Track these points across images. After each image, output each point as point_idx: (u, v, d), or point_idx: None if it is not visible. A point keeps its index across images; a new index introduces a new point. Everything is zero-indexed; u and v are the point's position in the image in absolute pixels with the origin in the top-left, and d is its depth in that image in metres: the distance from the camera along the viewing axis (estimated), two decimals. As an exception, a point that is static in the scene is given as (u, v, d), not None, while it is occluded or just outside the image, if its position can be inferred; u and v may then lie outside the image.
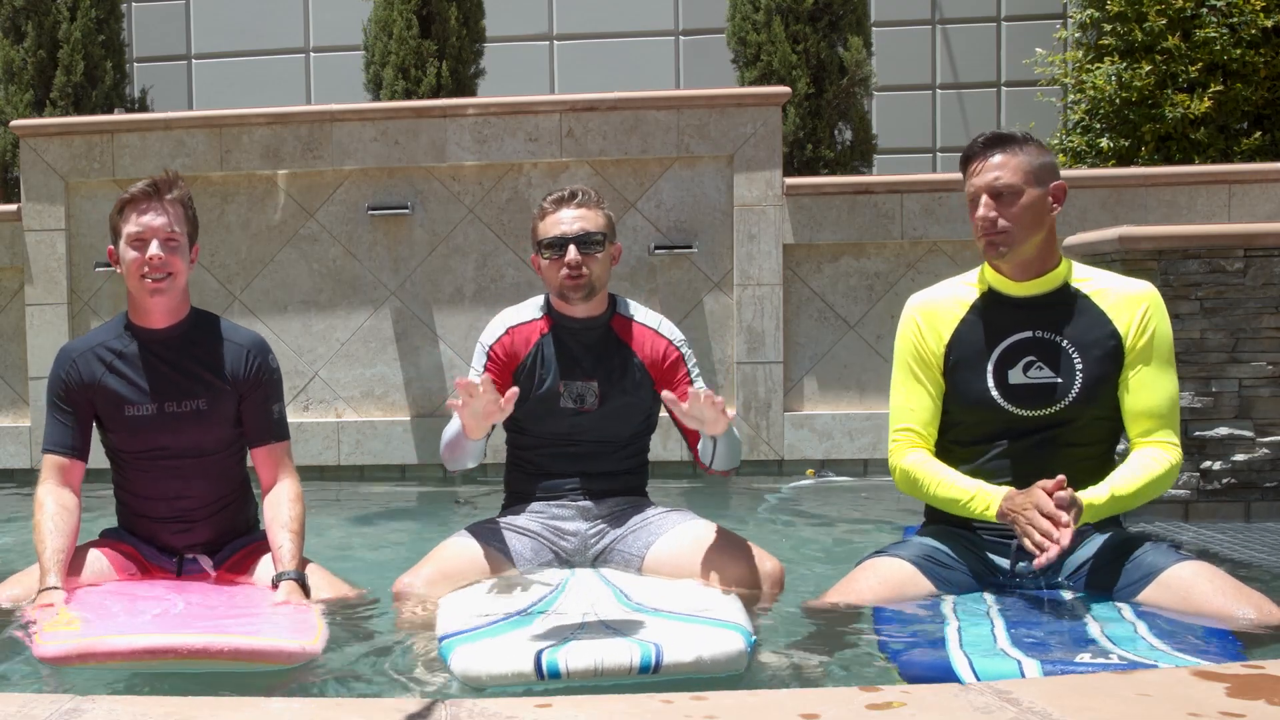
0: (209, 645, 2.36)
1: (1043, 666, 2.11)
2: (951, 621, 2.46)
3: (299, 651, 2.43)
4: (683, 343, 3.17)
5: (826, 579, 3.06)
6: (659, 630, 2.38)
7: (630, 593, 2.78)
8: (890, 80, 9.04)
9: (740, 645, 2.31)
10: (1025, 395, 2.74)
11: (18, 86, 7.83)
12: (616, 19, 9.54)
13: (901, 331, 2.90)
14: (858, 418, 5.87)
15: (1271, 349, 4.32)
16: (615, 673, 2.22)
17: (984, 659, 2.17)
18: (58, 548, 2.79)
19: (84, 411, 2.95)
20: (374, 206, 6.01)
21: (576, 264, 3.02)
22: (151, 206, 2.88)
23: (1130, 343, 2.71)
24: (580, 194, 3.11)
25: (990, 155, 2.72)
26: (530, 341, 3.13)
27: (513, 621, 2.56)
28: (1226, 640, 2.33)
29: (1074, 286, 2.77)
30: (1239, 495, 4.32)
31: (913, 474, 2.83)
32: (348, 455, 6.07)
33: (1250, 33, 6.76)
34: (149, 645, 2.38)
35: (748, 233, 5.93)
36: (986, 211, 2.70)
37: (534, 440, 3.18)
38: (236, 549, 3.04)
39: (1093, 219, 5.56)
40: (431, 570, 2.94)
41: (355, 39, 8.04)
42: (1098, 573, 2.67)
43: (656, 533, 3.05)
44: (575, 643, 2.31)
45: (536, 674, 2.24)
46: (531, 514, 3.14)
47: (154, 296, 2.89)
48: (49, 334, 6.08)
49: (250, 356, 2.98)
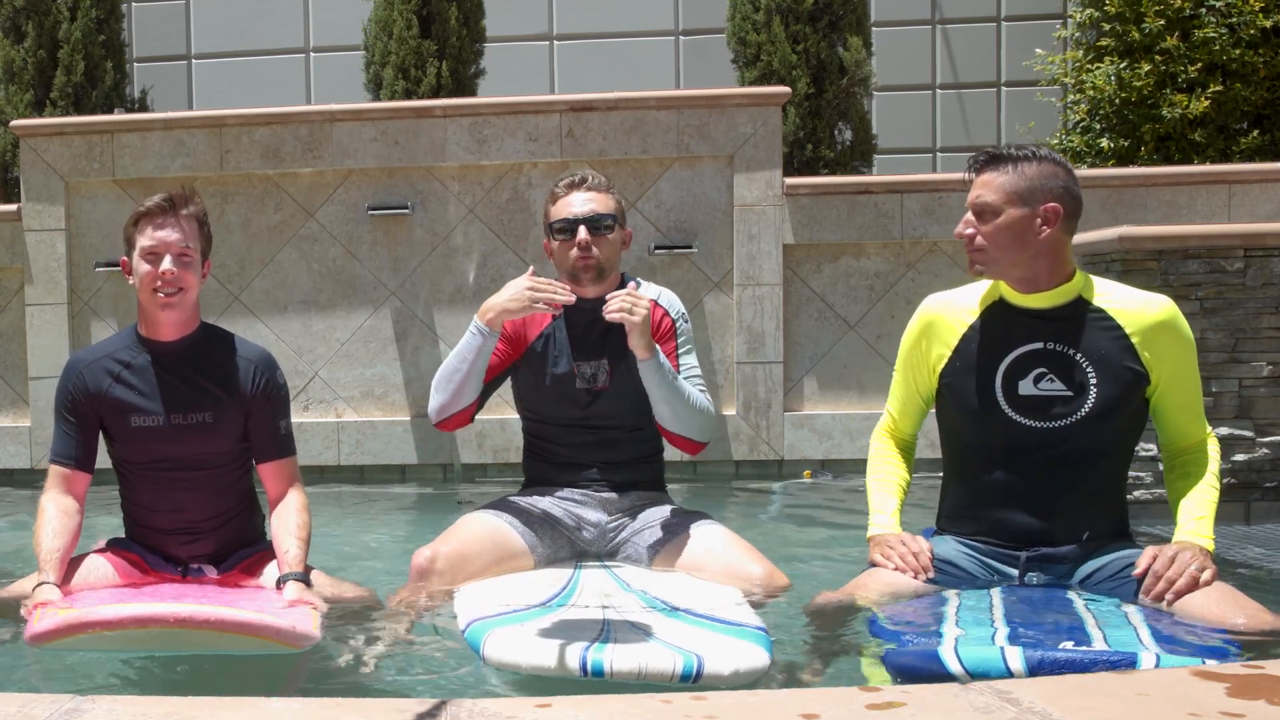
0: (194, 615, 2.38)
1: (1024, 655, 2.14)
2: (951, 618, 2.46)
3: (289, 629, 2.43)
4: (680, 315, 3.20)
5: (825, 580, 3.07)
6: (695, 638, 2.40)
7: (646, 590, 2.81)
8: (890, 80, 9.05)
9: (766, 660, 2.32)
10: (1035, 407, 2.72)
11: (18, 86, 7.83)
12: (616, 19, 9.54)
13: (909, 329, 2.92)
14: (858, 418, 5.87)
15: (1271, 349, 4.33)
16: (657, 678, 2.24)
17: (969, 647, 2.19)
18: (54, 547, 2.80)
19: (90, 423, 2.96)
20: (374, 206, 6.02)
21: (586, 245, 3.09)
22: (167, 221, 2.89)
23: (1156, 373, 2.71)
24: (591, 178, 3.18)
25: (980, 173, 2.74)
26: (541, 324, 3.19)
27: (534, 612, 2.59)
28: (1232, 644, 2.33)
29: (1090, 301, 2.74)
30: (1239, 495, 4.32)
31: (870, 458, 3.01)
32: (348, 455, 6.07)
33: (1249, 33, 6.76)
34: (135, 614, 2.39)
35: (748, 233, 5.93)
36: (964, 228, 2.74)
37: (551, 429, 3.23)
38: (242, 558, 3.05)
39: (1093, 219, 5.56)
40: (452, 549, 2.99)
41: (355, 39, 8.05)
42: (1103, 585, 2.68)
43: (672, 533, 3.09)
44: (620, 645, 2.32)
45: (580, 671, 2.26)
46: (554, 500, 3.19)
47: (165, 311, 2.91)
48: (49, 334, 6.08)
49: (257, 372, 2.99)
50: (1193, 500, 2.72)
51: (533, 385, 3.21)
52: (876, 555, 2.80)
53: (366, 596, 2.99)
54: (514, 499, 3.23)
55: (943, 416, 2.91)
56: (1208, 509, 2.70)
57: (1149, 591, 2.57)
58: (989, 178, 2.72)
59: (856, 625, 2.62)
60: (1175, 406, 2.76)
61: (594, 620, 2.52)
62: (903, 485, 2.95)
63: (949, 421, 2.89)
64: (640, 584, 2.87)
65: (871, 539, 2.86)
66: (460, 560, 2.97)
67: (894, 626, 2.47)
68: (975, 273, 2.76)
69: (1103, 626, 2.40)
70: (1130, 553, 2.72)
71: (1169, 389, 2.74)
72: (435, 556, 2.96)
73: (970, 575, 2.76)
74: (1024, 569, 2.74)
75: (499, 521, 3.09)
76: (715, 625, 2.50)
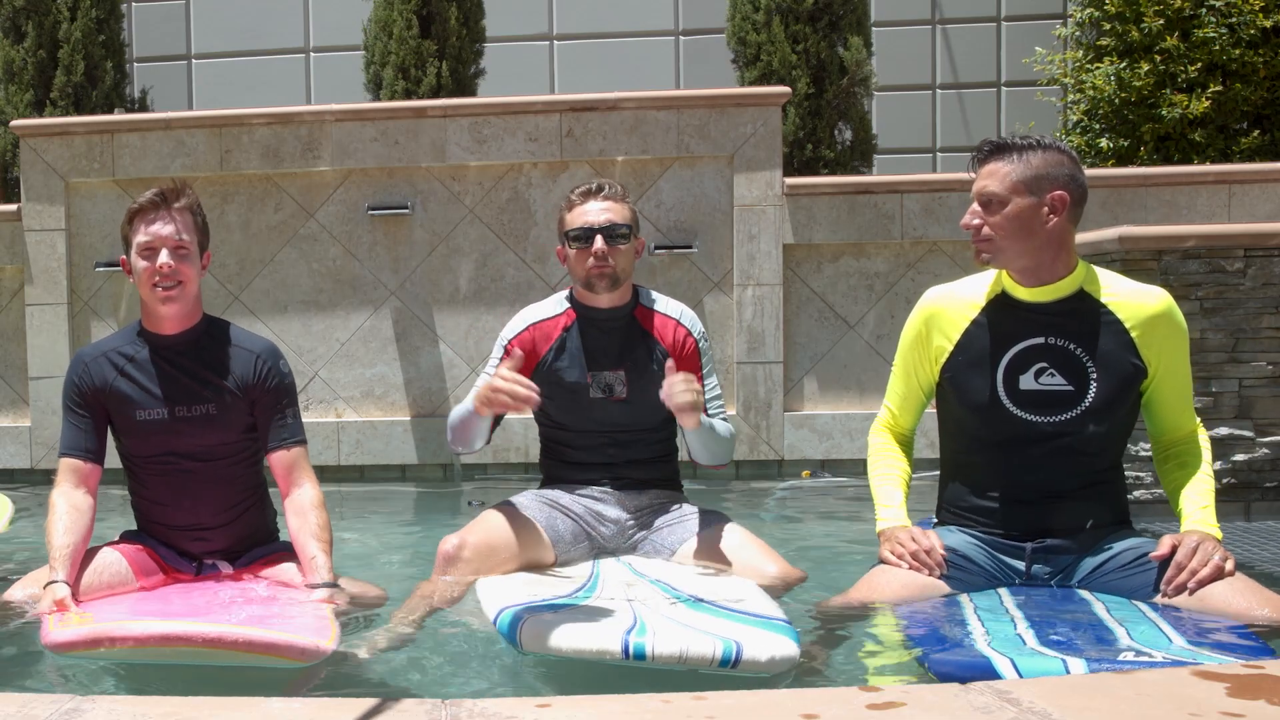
0: (223, 635, 2.36)
1: (1088, 665, 2.08)
2: (973, 621, 2.46)
3: (312, 649, 2.42)
4: (702, 335, 3.26)
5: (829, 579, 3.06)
6: (730, 627, 2.42)
7: (667, 581, 2.84)
8: (890, 80, 9.04)
9: (796, 651, 2.34)
10: (1036, 402, 2.73)
11: (18, 86, 7.83)
12: (616, 19, 9.54)
13: (910, 322, 2.91)
14: (858, 417, 5.87)
15: (1271, 349, 4.32)
16: (697, 663, 2.27)
17: (1026, 659, 2.14)
18: (65, 544, 2.79)
19: (98, 415, 2.96)
20: (374, 206, 6.02)
21: (603, 254, 3.12)
22: (160, 216, 2.90)
23: (1154, 366, 2.72)
24: (607, 187, 3.21)
25: (986, 162, 2.73)
26: (552, 337, 3.21)
27: (564, 600, 2.62)
28: (1253, 638, 2.32)
29: (1090, 294, 2.74)
30: (1239, 495, 4.32)
31: (870, 453, 3.00)
32: (348, 455, 6.07)
33: (1249, 32, 6.76)
34: (162, 632, 2.37)
35: (748, 233, 5.93)
36: (970, 218, 2.73)
37: (567, 434, 3.26)
38: (256, 557, 3.04)
39: (1093, 219, 5.55)
40: (479, 539, 3.02)
41: (355, 39, 8.05)
42: (1112, 576, 2.68)
43: (690, 530, 3.13)
44: (660, 630, 2.34)
45: (623, 654, 2.28)
46: (574, 497, 3.22)
47: (165, 305, 2.91)
48: (49, 334, 6.08)
49: (260, 362, 3.00)
50: (1194, 490, 2.72)
51: (546, 394, 3.21)
52: (886, 552, 2.79)
53: (385, 598, 2.99)
54: (536, 494, 3.26)
55: (943, 410, 2.91)
56: (1210, 499, 2.71)
57: (1171, 581, 2.56)
58: (994, 167, 2.71)
59: (871, 625, 2.61)
60: (1170, 398, 2.77)
61: (623, 609, 2.55)
62: (905, 478, 2.94)
63: (950, 415, 2.89)
64: (660, 576, 2.91)
65: (881, 533, 2.85)
66: (487, 550, 3.00)
67: (920, 632, 2.45)
68: (982, 262, 2.75)
69: (1124, 624, 2.39)
70: (1139, 542, 2.72)
71: (1164, 381, 2.75)
72: (463, 545, 2.99)
73: (979, 567, 2.75)
74: (1030, 560, 2.75)
75: (523, 515, 3.13)
76: (742, 617, 2.54)
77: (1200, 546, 2.57)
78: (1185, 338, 2.76)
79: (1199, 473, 2.75)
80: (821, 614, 2.75)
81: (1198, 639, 2.29)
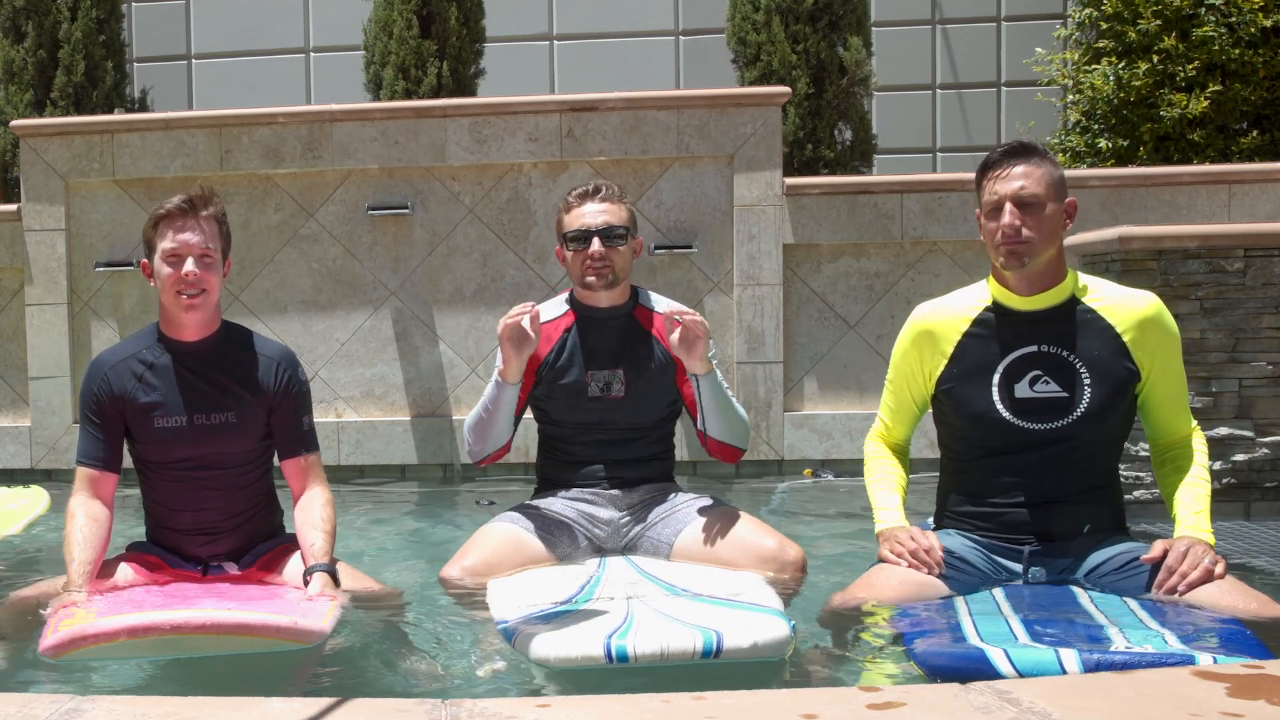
0: (189, 620, 2.37)
1: (1080, 655, 2.10)
2: (966, 619, 2.47)
3: (291, 627, 2.42)
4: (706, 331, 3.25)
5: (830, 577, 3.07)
6: (713, 616, 2.46)
7: (668, 578, 2.88)
8: (890, 80, 9.04)
9: (786, 631, 2.38)
10: (1032, 409, 2.74)
11: (18, 86, 7.83)
12: (616, 19, 9.55)
13: (901, 339, 2.92)
14: (858, 418, 5.87)
15: (1271, 349, 4.32)
16: (679, 657, 2.30)
17: (1019, 650, 2.15)
18: (84, 559, 2.79)
19: (115, 424, 2.95)
20: (374, 206, 6.01)
21: (600, 255, 3.16)
22: (187, 224, 2.89)
23: (1146, 369, 2.74)
24: (604, 188, 3.25)
25: (1015, 164, 2.69)
26: (553, 338, 3.24)
27: (559, 609, 2.65)
28: (1244, 631, 2.33)
29: (1081, 300, 2.76)
30: (1239, 495, 4.32)
31: (866, 462, 3.02)
32: (348, 455, 6.07)
33: (1249, 32, 6.75)
34: (130, 624, 2.37)
35: (748, 233, 5.93)
36: (1012, 220, 2.66)
37: (565, 430, 3.28)
38: (261, 553, 3.05)
39: (1093, 219, 5.56)
40: (475, 562, 3.06)
41: (355, 39, 8.05)
42: (1107, 579, 2.69)
43: (685, 520, 3.16)
44: (641, 630, 2.37)
45: (606, 658, 2.30)
46: (566, 501, 3.25)
47: (189, 313, 2.91)
48: (49, 334, 6.08)
49: (280, 369, 3.00)
50: (1189, 494, 2.73)
51: (546, 393, 3.26)
52: (885, 551, 2.80)
53: (389, 592, 3.00)
54: (528, 505, 3.29)
55: (941, 420, 2.93)
56: (1205, 503, 2.72)
57: (1161, 585, 2.58)
58: (1029, 169, 2.68)
59: (868, 624, 2.62)
60: (1163, 401, 2.79)
61: (618, 609, 2.58)
62: (902, 484, 2.96)
63: (948, 425, 2.90)
64: (661, 573, 2.94)
65: (880, 534, 2.86)
66: (486, 571, 3.04)
67: (910, 628, 2.47)
68: (1019, 266, 2.71)
69: (1114, 619, 2.40)
70: (1133, 546, 2.74)
71: (1157, 384, 2.76)
72: (463, 573, 3.03)
73: (976, 569, 2.77)
74: (1027, 563, 2.76)
75: (517, 529, 3.15)
76: (734, 605, 2.57)
77: (1191, 550, 2.59)
78: (1177, 340, 2.77)
79: (1194, 477, 2.76)
80: (821, 612, 2.76)
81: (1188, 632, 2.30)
